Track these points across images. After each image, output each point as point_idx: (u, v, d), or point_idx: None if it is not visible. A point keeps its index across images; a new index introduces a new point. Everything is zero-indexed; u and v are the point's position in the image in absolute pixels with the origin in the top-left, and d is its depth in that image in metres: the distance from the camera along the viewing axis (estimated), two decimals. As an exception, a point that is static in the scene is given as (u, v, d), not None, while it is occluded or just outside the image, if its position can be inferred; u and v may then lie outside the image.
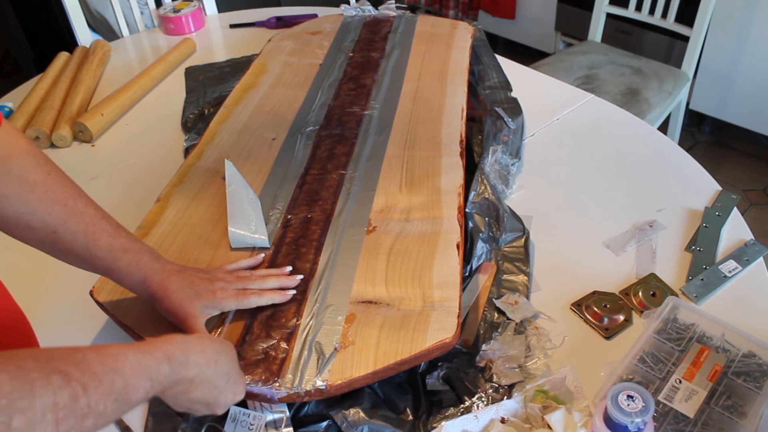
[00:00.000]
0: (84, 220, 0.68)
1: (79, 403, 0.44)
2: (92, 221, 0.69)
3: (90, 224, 0.69)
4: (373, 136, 1.08)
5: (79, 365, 0.46)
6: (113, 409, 0.48)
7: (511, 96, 1.25)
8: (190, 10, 1.66)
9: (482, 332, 0.83)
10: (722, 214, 0.97)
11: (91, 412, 0.45)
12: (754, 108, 2.20)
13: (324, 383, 0.68)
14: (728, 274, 0.88)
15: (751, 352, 0.76)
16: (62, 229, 0.67)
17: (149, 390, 0.52)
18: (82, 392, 0.45)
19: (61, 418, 0.43)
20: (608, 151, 1.14)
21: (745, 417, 0.70)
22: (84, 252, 0.69)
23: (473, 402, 0.75)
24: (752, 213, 2.16)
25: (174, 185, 0.99)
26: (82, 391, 0.45)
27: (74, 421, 0.44)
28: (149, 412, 0.75)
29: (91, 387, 0.46)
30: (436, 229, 0.87)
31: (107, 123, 1.29)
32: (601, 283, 0.89)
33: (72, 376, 0.45)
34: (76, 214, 0.68)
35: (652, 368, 0.75)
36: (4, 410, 0.40)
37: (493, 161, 1.05)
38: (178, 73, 1.49)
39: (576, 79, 1.91)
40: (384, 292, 0.78)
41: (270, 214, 0.92)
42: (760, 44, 2.08)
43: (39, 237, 0.67)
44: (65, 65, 1.45)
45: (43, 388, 0.42)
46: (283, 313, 0.76)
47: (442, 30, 1.42)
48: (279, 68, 1.31)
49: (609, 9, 2.04)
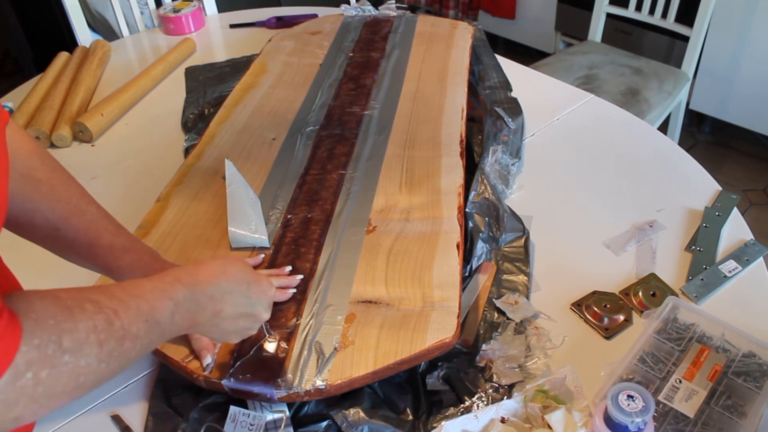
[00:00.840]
0: (86, 219, 0.69)
1: (114, 326, 0.48)
2: (94, 220, 0.70)
3: (92, 222, 0.69)
4: (373, 136, 1.08)
5: (106, 293, 0.49)
6: (146, 330, 0.51)
7: (511, 96, 1.25)
8: (190, 10, 1.66)
9: (482, 332, 0.83)
10: (722, 214, 0.97)
11: (126, 334, 0.49)
12: (754, 108, 2.20)
13: (324, 383, 0.68)
14: (728, 274, 0.88)
15: (751, 352, 0.76)
16: (64, 226, 0.67)
17: (174, 310, 0.55)
18: (114, 316, 0.48)
19: (102, 339, 0.46)
20: (608, 151, 1.14)
21: (745, 417, 0.70)
22: (85, 250, 0.69)
23: (473, 402, 0.75)
24: (752, 213, 2.16)
25: (174, 185, 0.99)
26: (113, 314, 0.48)
27: (115, 343, 0.47)
28: (149, 412, 0.75)
29: (121, 311, 0.49)
30: (436, 229, 0.87)
31: (107, 123, 1.30)
32: (601, 283, 0.89)
33: (102, 303, 0.48)
34: (79, 213, 0.68)
35: (652, 368, 0.75)
36: (54, 330, 0.43)
37: (493, 161, 1.05)
38: (178, 73, 1.49)
39: (576, 79, 1.91)
40: (384, 292, 0.78)
41: (270, 214, 0.92)
42: (760, 44, 2.08)
43: (41, 234, 0.67)
44: (65, 65, 1.45)
45: (80, 314, 0.45)
46: (283, 312, 0.76)
47: (442, 30, 1.42)
48: (279, 68, 1.31)
49: (609, 9, 2.04)
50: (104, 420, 0.76)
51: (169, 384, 0.78)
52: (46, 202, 0.66)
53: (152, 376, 0.81)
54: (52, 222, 0.67)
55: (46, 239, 0.68)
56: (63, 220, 0.67)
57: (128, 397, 0.79)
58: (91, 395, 0.79)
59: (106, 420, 0.76)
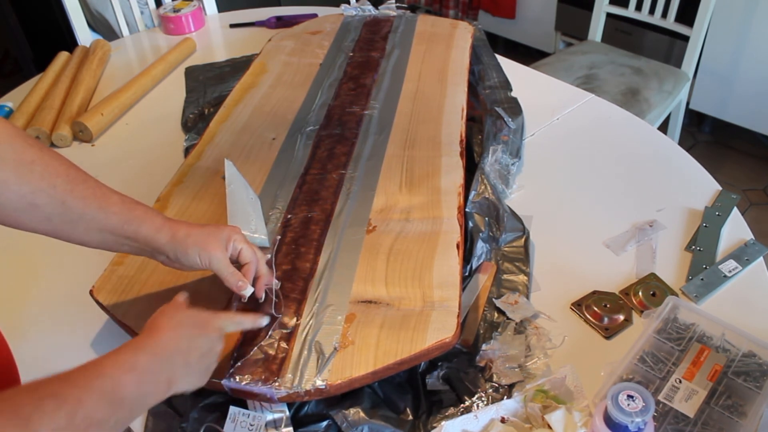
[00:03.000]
0: (90, 185, 0.69)
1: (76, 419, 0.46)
2: (97, 185, 0.70)
3: (96, 186, 0.69)
4: (373, 135, 1.07)
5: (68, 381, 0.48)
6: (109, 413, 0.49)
7: (511, 96, 1.25)
8: (190, 9, 1.66)
9: (482, 332, 0.83)
10: (722, 214, 0.97)
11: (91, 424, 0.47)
12: (754, 108, 2.20)
13: (324, 383, 0.68)
14: (728, 274, 0.88)
15: (751, 351, 0.76)
16: (70, 197, 0.66)
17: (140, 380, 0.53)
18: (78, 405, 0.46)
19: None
20: (608, 151, 1.14)
21: (745, 417, 0.70)
22: (98, 213, 0.68)
23: (473, 402, 0.75)
24: (752, 213, 2.16)
25: (174, 185, 0.99)
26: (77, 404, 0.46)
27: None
28: (149, 412, 0.75)
29: (85, 397, 0.47)
30: (436, 228, 0.87)
31: (107, 123, 1.30)
32: (601, 283, 0.89)
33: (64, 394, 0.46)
34: (81, 181, 0.68)
35: (652, 368, 0.75)
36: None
37: (493, 161, 1.05)
38: (178, 73, 1.49)
39: (576, 79, 1.91)
40: (384, 291, 0.78)
41: (270, 213, 0.92)
42: (760, 44, 2.08)
43: (45, 213, 0.66)
44: (65, 65, 1.45)
45: (38, 421, 0.44)
46: (283, 312, 0.76)
47: (442, 30, 1.42)
48: (279, 68, 1.31)
49: (609, 9, 2.04)
50: (104, 420, 0.76)
51: (169, 384, 0.78)
52: (45, 180, 0.65)
53: (152, 376, 0.80)
54: (56, 198, 0.66)
55: (51, 217, 0.66)
56: (67, 192, 0.66)
57: (128, 397, 0.79)
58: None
59: (106, 420, 0.76)
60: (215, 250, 0.71)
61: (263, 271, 0.76)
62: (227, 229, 0.74)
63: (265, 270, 0.77)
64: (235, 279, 0.72)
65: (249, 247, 0.75)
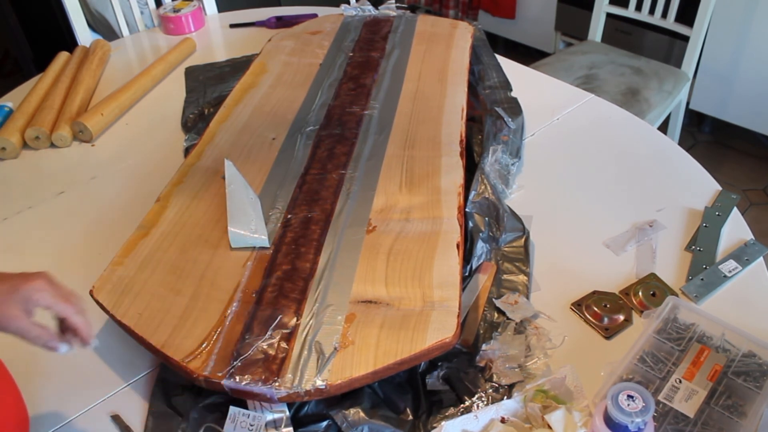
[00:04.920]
0: None
1: None
2: None
3: None
4: (373, 135, 1.08)
5: None
6: None
7: (511, 96, 1.25)
8: (190, 9, 1.66)
9: (482, 332, 0.83)
10: (722, 214, 0.97)
11: None
12: (754, 108, 2.20)
13: (324, 383, 0.68)
14: (728, 274, 0.88)
15: (751, 352, 0.76)
16: None
17: None
18: None
19: None
20: (608, 151, 1.14)
21: (745, 417, 0.70)
22: None
23: (473, 402, 0.75)
24: (752, 213, 2.16)
25: (174, 185, 0.99)
26: None
27: None
28: (149, 412, 0.75)
29: None
30: (436, 228, 0.87)
31: (107, 123, 1.30)
32: (601, 283, 0.89)
33: None
34: None
35: (652, 368, 0.75)
36: None
37: (493, 161, 1.05)
38: (178, 73, 1.49)
39: (576, 79, 1.91)
40: (384, 291, 0.78)
41: (270, 213, 0.92)
42: (760, 44, 2.08)
43: None
44: (65, 65, 1.45)
45: None
46: (283, 312, 0.76)
47: (442, 30, 1.42)
48: (279, 68, 1.31)
49: (609, 9, 2.04)
50: (104, 420, 0.76)
51: (169, 384, 0.78)
52: None
53: (152, 376, 0.81)
54: None
55: None
56: None
57: (128, 397, 0.79)
58: (91, 395, 0.79)
59: (106, 420, 0.76)
60: (12, 312, 0.63)
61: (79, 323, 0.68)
62: (28, 286, 0.65)
63: (81, 321, 0.68)
64: (43, 340, 0.65)
65: (58, 300, 0.66)
